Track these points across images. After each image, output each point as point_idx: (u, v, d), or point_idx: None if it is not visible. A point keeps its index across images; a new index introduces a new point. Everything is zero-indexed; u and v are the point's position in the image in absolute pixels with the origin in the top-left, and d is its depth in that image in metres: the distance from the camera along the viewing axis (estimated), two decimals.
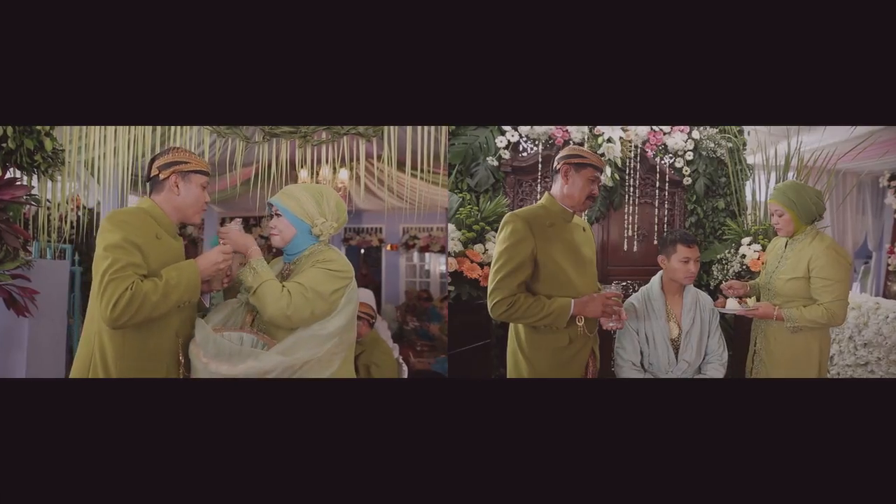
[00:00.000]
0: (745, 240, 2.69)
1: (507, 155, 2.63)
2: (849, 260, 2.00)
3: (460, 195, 2.37)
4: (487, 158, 2.58)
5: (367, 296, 2.98)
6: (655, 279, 2.12)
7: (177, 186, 1.50)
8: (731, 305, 2.03)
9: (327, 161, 3.29)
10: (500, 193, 2.59)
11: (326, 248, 1.57)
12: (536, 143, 2.67)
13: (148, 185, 1.55)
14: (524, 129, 2.62)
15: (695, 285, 2.19)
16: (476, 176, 2.57)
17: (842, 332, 3.39)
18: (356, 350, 1.98)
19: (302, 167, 3.40)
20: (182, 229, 2.16)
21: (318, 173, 3.77)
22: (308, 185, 1.70)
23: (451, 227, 2.10)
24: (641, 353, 2.01)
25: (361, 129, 2.82)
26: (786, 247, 2.09)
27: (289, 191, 1.66)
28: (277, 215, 1.60)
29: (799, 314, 1.96)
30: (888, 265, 5.53)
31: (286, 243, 1.58)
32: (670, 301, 2.10)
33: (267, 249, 2.46)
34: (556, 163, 1.79)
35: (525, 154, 2.69)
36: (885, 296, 5.29)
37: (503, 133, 2.61)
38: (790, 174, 3.00)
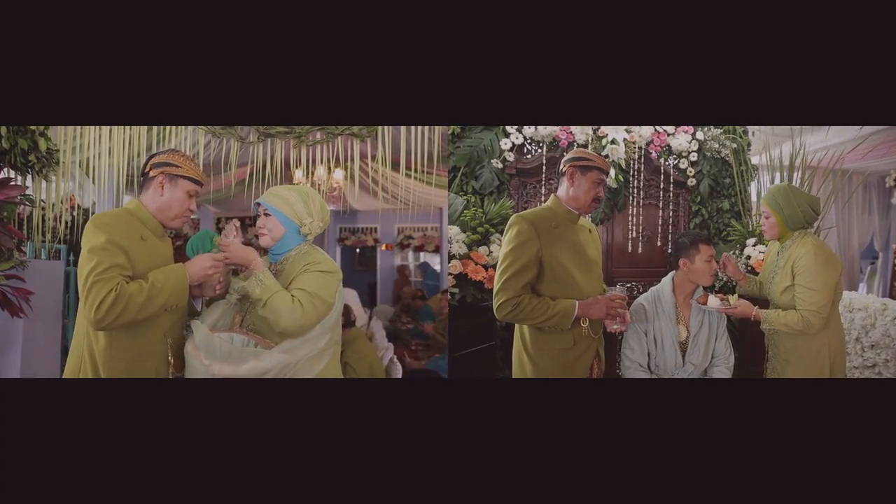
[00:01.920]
0: (750, 241, 2.76)
1: (511, 157, 2.69)
2: (836, 267, 2.00)
3: (465, 197, 2.43)
4: (492, 161, 2.65)
5: (351, 296, 3.04)
6: (666, 280, 2.16)
7: (161, 187, 1.54)
8: (713, 303, 2.07)
9: (322, 161, 3.34)
10: (505, 196, 2.65)
11: (312, 248, 1.64)
12: (541, 145, 2.73)
13: (139, 182, 1.60)
14: (528, 131, 2.68)
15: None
16: (481, 178, 2.64)
17: (849, 333, 3.44)
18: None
19: (297, 167, 3.46)
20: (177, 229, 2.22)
21: (312, 173, 3.82)
22: (293, 186, 1.75)
23: (455, 229, 2.16)
24: (648, 354, 2.07)
25: (356, 129, 2.87)
26: (778, 255, 2.12)
27: (277, 191, 1.71)
28: (266, 215, 1.66)
29: (775, 317, 2.00)
30: (895, 265, 5.61)
31: (275, 242, 1.63)
32: (681, 303, 2.13)
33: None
34: (562, 165, 1.86)
35: (529, 156, 2.75)
36: (892, 296, 5.36)
37: (507, 135, 2.67)
38: (795, 174, 3.06)
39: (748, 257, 2.71)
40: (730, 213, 2.98)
